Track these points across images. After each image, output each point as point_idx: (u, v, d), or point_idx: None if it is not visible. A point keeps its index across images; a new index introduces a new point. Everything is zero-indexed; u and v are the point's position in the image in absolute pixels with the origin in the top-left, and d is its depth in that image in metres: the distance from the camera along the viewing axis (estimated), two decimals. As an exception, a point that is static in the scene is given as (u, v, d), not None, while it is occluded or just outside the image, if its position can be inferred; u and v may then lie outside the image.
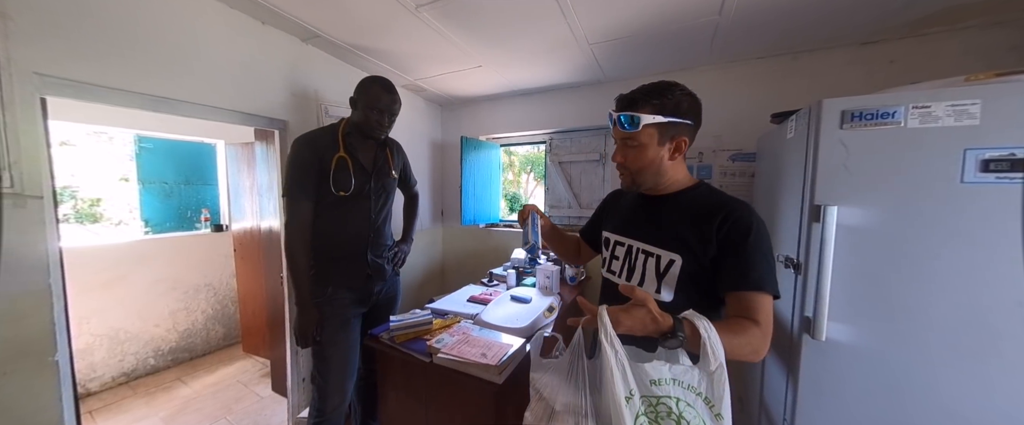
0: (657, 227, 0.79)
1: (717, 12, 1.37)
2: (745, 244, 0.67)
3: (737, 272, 0.67)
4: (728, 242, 0.69)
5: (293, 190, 1.23)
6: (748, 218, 0.69)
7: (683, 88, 0.74)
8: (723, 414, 0.58)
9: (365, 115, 1.26)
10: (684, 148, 0.75)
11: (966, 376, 0.88)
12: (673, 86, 0.73)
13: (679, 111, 0.71)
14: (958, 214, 0.86)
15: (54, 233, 1.04)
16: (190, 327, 2.57)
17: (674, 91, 0.72)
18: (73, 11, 1.05)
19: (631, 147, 0.75)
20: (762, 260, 0.67)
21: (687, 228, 0.73)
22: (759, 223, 0.69)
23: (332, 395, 1.26)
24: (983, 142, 0.84)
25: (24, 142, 0.97)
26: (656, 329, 0.59)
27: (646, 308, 0.59)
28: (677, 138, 0.74)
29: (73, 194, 2.64)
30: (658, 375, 0.59)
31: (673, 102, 0.71)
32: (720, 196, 0.76)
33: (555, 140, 2.54)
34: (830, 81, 1.68)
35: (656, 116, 0.71)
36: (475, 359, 1.03)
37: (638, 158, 0.75)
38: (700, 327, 0.58)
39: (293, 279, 1.24)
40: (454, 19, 1.45)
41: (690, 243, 0.72)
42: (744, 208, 0.71)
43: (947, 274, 0.88)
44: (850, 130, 0.95)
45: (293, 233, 1.23)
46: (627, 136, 0.74)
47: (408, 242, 1.60)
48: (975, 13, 1.37)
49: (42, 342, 1.02)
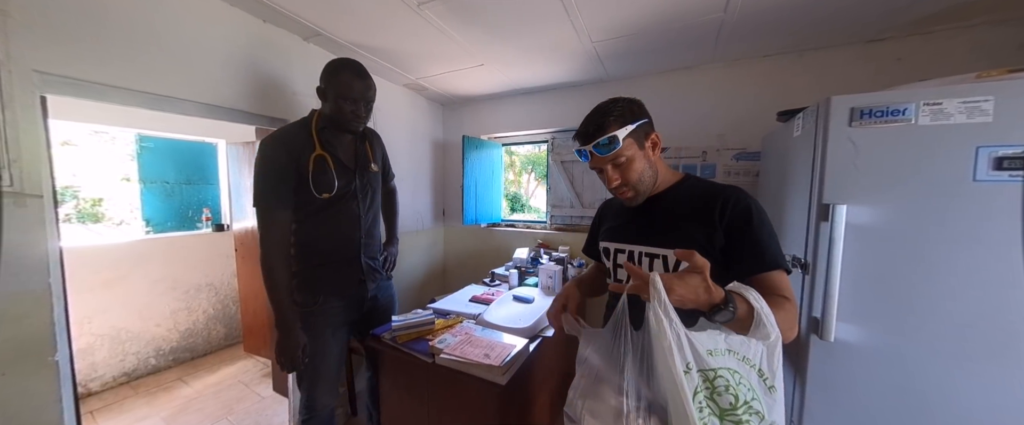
0: (655, 228, 0.78)
1: (722, 9, 1.36)
2: (750, 227, 0.69)
3: (752, 256, 0.68)
4: (733, 228, 0.70)
5: (267, 198, 1.08)
6: (746, 201, 0.71)
7: (620, 98, 0.77)
8: (776, 386, 0.57)
9: (337, 106, 1.12)
10: (660, 142, 0.78)
11: (979, 378, 0.86)
12: (614, 101, 0.77)
13: (634, 114, 0.75)
14: (970, 213, 0.85)
15: (54, 232, 1.03)
16: (191, 327, 2.56)
17: (618, 103, 0.76)
18: (73, 9, 1.04)
19: (620, 164, 0.75)
20: (769, 239, 0.69)
21: (689, 222, 0.74)
22: (756, 203, 0.71)
23: (322, 396, 1.23)
24: (996, 139, 0.82)
25: (24, 140, 0.96)
26: (708, 300, 0.55)
27: (702, 275, 0.56)
28: (649, 135, 0.76)
29: (75, 194, 2.63)
30: (714, 345, 0.56)
31: (626, 110, 0.75)
32: (710, 185, 0.78)
33: (557, 139, 2.53)
34: (835, 79, 1.67)
35: (626, 126, 0.73)
36: (478, 359, 1.02)
37: (632, 170, 0.75)
38: (751, 299, 0.57)
39: (272, 299, 1.08)
40: (456, 17, 1.43)
41: (696, 236, 0.72)
42: (737, 192, 0.73)
43: (958, 274, 0.87)
44: (859, 127, 0.94)
45: (270, 247, 1.08)
46: (613, 157, 0.74)
47: (394, 243, 1.49)
48: (982, 11, 1.35)
49: (42, 342, 1.01)
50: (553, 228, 2.57)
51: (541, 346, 1.25)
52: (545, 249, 2.35)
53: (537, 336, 1.27)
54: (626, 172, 0.76)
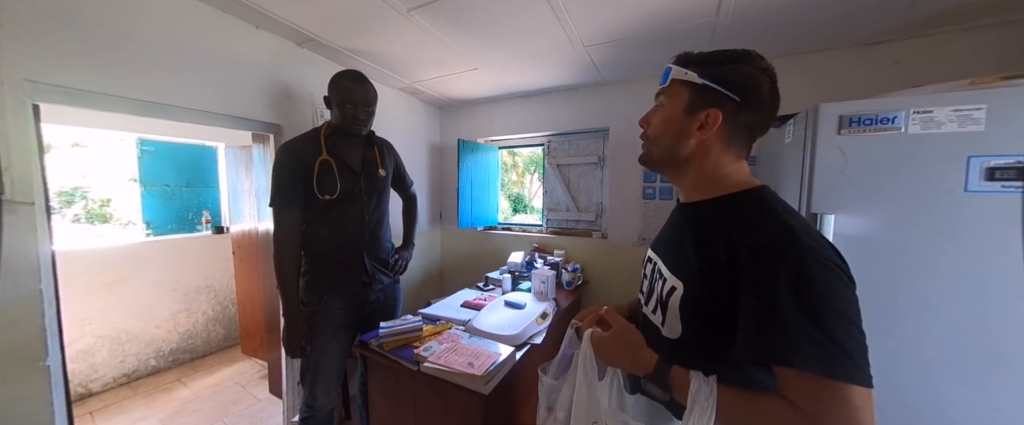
0: (674, 240, 0.62)
1: (714, 13, 1.34)
2: (767, 286, 0.44)
3: (751, 331, 0.46)
4: (743, 276, 0.47)
5: (279, 199, 1.21)
6: (783, 247, 0.45)
7: (752, 59, 0.55)
8: None
9: (340, 112, 1.23)
10: (713, 125, 0.55)
11: (971, 393, 0.84)
12: (742, 54, 0.56)
13: (724, 79, 0.54)
14: (961, 224, 0.83)
15: (46, 238, 1.04)
16: (191, 328, 2.59)
17: (734, 56, 0.56)
18: (65, 18, 1.05)
19: (656, 109, 0.62)
20: (798, 315, 0.43)
21: (693, 246, 0.56)
22: (810, 263, 0.44)
23: (320, 397, 1.28)
24: (988, 149, 0.80)
25: (15, 149, 0.98)
26: (631, 366, 0.52)
27: (626, 337, 0.52)
28: (710, 109, 0.55)
29: (84, 195, 2.68)
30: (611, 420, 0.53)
31: (722, 67, 0.55)
32: (762, 210, 0.52)
33: (553, 142, 2.52)
34: (833, 83, 1.64)
35: (690, 73, 0.56)
36: (461, 369, 1.01)
37: (658, 119, 0.61)
38: (695, 382, 0.46)
39: (281, 289, 1.21)
40: (447, 22, 1.43)
41: (692, 265, 0.55)
42: (785, 233, 0.47)
43: (949, 287, 0.84)
44: (848, 135, 0.92)
45: (281, 243, 1.20)
46: (658, 92, 0.62)
47: (409, 247, 1.57)
48: (985, 12, 1.32)
49: (33, 347, 1.02)
50: (549, 232, 2.56)
51: (529, 353, 1.24)
52: (540, 253, 2.34)
53: (525, 343, 1.27)
54: (655, 118, 0.62)
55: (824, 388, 0.41)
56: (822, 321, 0.42)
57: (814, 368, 0.41)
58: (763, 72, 0.55)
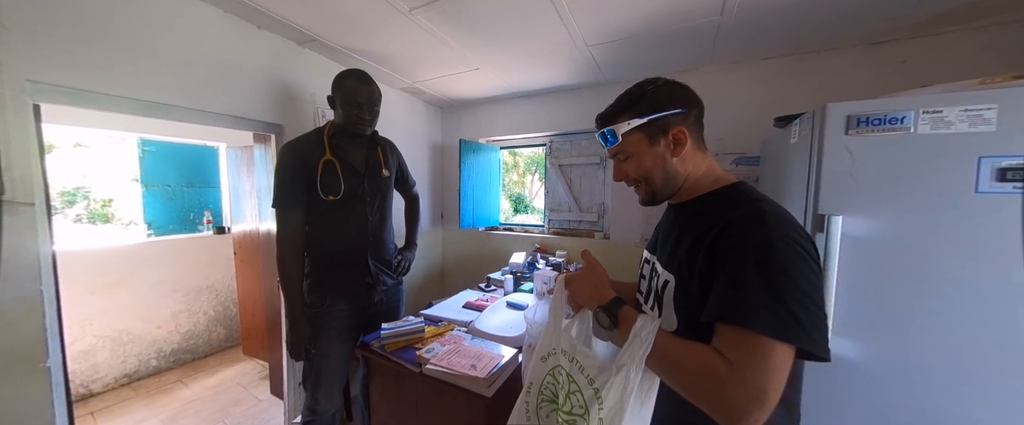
0: (667, 238, 0.68)
1: (718, 12, 1.33)
2: (733, 258, 0.50)
3: (716, 295, 0.51)
4: (715, 254, 0.53)
5: (282, 200, 1.19)
6: (751, 228, 0.51)
7: (657, 81, 0.65)
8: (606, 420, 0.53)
9: (344, 112, 1.22)
10: (684, 139, 0.62)
11: (983, 397, 0.83)
12: (645, 84, 0.65)
13: (657, 105, 0.62)
14: (972, 226, 0.81)
15: (47, 239, 1.04)
16: (192, 329, 2.59)
17: (646, 88, 0.64)
18: (67, 19, 1.05)
19: (624, 161, 0.68)
20: (755, 285, 0.47)
21: (682, 239, 0.61)
22: (773, 240, 0.49)
23: (322, 400, 1.27)
24: (999, 150, 0.79)
25: (15, 149, 0.97)
26: (593, 299, 0.59)
27: (592, 273, 0.60)
28: (670, 130, 0.62)
29: (86, 195, 2.68)
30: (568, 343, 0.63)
31: (648, 100, 0.63)
32: (740, 200, 0.59)
33: (555, 143, 2.51)
34: (839, 83, 1.62)
35: (632, 120, 0.63)
36: (464, 371, 1.00)
37: (637, 167, 0.67)
38: (640, 319, 0.55)
39: (285, 291, 1.20)
40: (449, 22, 1.42)
41: (681, 257, 0.59)
42: (756, 216, 0.53)
43: (960, 289, 0.83)
44: (856, 136, 0.91)
45: (284, 244, 1.19)
46: (615, 151, 0.68)
47: (412, 248, 1.56)
48: (993, 11, 1.30)
49: (33, 348, 1.02)
50: (551, 232, 2.55)
51: (531, 355, 1.23)
52: (542, 253, 2.33)
53: (529, 344, 1.26)
54: (632, 168, 0.67)
55: (749, 340, 0.47)
56: (779, 292, 0.47)
57: (761, 328, 0.46)
58: (667, 82, 0.65)
